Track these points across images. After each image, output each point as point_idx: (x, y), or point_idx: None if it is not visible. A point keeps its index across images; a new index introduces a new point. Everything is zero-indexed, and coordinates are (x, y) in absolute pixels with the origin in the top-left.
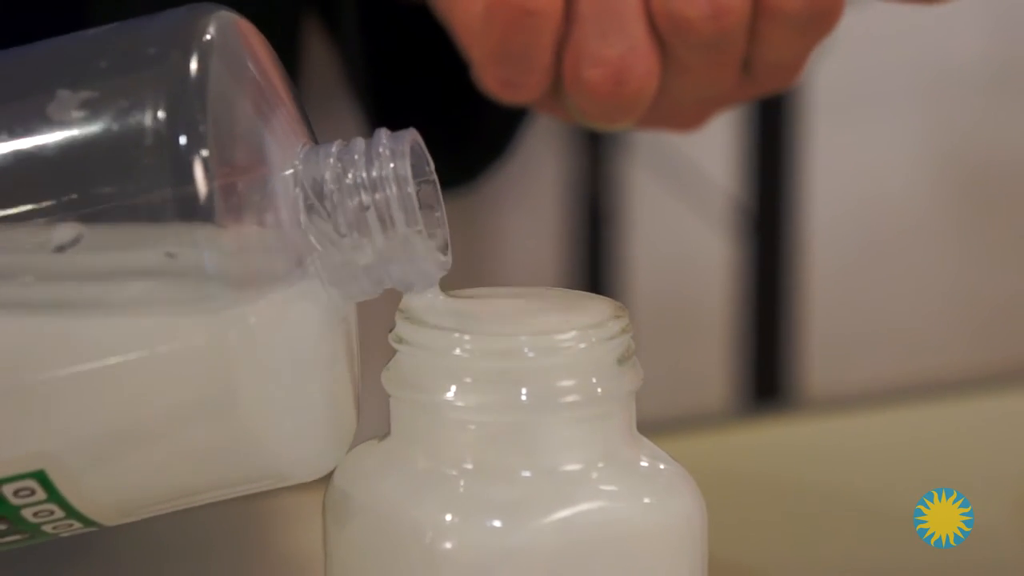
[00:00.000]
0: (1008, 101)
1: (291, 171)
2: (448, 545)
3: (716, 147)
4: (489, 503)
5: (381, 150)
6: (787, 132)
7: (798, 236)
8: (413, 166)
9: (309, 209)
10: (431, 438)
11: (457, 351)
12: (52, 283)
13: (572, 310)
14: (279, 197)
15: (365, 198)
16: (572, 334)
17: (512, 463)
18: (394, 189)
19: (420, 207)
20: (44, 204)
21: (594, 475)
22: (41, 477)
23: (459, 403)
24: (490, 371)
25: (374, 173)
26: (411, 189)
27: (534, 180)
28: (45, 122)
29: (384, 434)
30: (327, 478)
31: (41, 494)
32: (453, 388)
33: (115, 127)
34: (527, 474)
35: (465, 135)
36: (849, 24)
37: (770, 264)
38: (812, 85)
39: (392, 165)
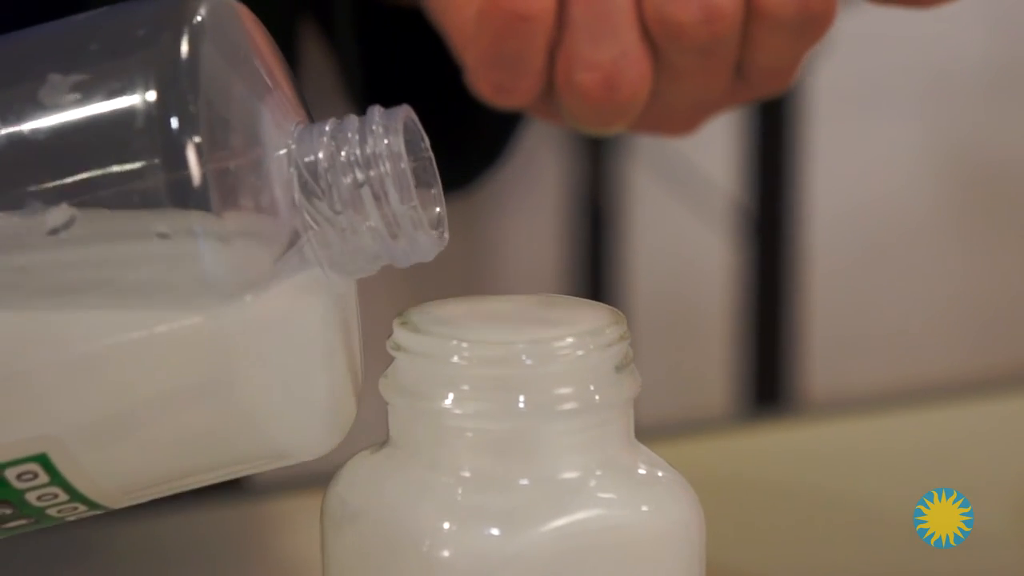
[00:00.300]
0: (1009, 102)
1: (285, 151)
2: (445, 553)
3: (717, 149)
4: (487, 511)
5: (374, 127)
6: (788, 134)
7: (799, 238)
8: (409, 143)
9: (304, 188)
10: (429, 445)
11: (455, 358)
12: (47, 267)
13: (570, 317)
14: (273, 177)
15: (359, 175)
16: (570, 341)
17: (510, 471)
18: (388, 166)
19: (417, 184)
20: (36, 188)
21: (592, 483)
22: (43, 460)
23: (457, 410)
24: (488, 378)
25: (368, 150)
26: (405, 165)
27: (534, 183)
28: (37, 106)
29: (382, 441)
30: (325, 484)
31: (44, 477)
32: (451, 395)
33: (106, 110)
34: (525, 482)
35: (461, 140)
36: (849, 25)
37: (771, 267)
38: (812, 86)
39: (386, 141)
